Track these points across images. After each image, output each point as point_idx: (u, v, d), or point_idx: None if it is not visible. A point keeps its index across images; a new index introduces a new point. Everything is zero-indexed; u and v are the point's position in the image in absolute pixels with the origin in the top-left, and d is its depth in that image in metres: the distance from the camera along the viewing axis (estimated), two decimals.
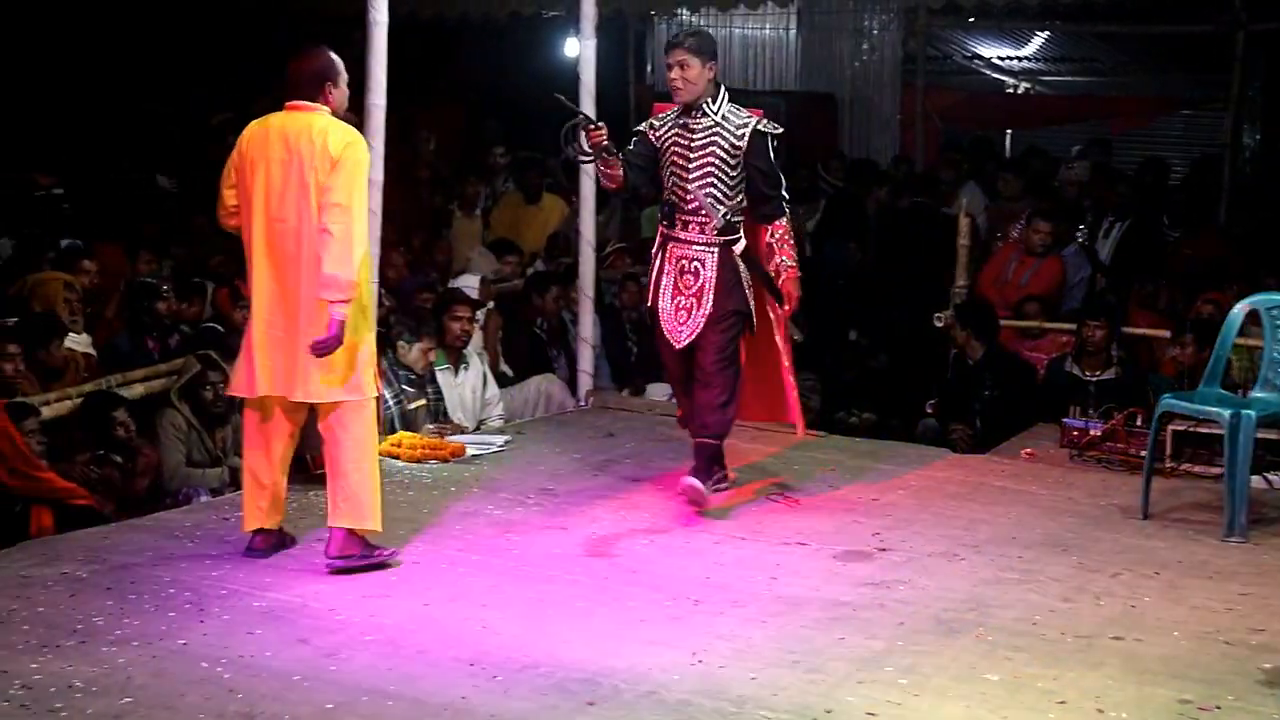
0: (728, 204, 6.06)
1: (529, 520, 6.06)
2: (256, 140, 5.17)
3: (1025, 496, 6.78)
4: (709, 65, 6.04)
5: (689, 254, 6.13)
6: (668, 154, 6.11)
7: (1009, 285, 9.51)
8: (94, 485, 6.36)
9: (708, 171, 6.02)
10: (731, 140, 6.03)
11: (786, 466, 7.18)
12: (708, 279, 6.08)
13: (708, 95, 6.06)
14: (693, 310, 6.11)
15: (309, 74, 5.19)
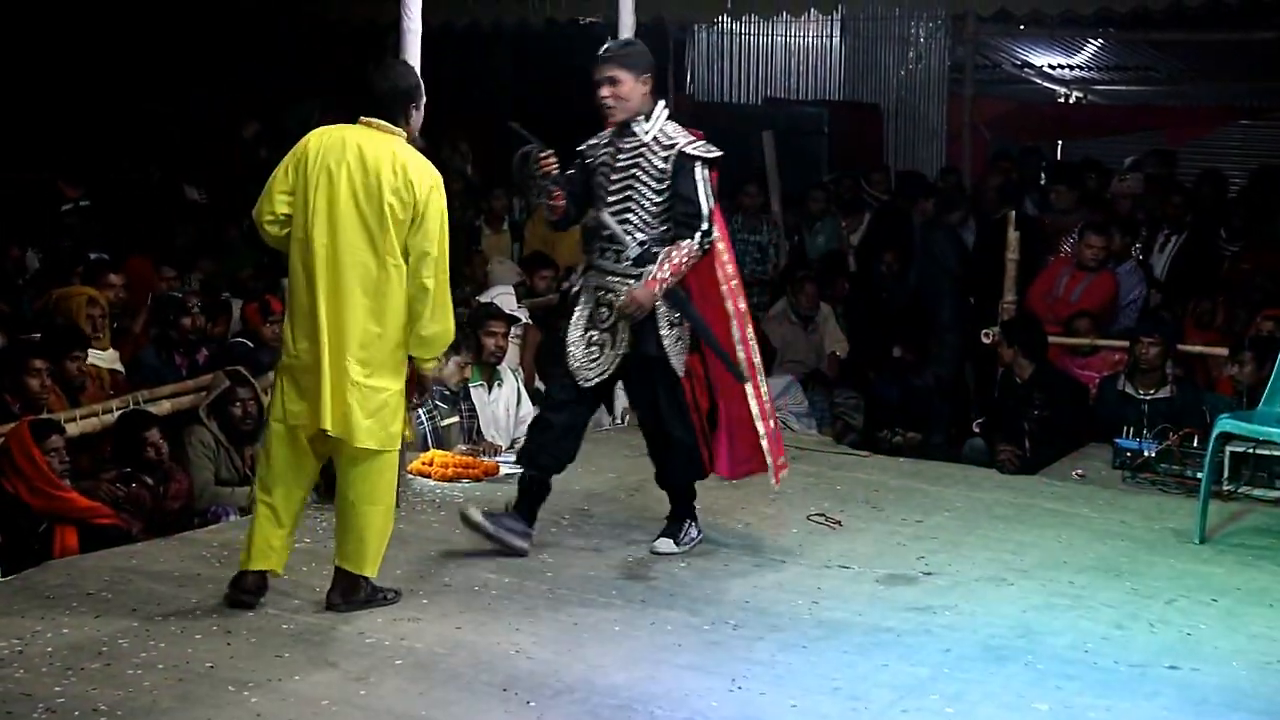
0: (648, 232, 5.66)
1: (563, 541, 6.06)
2: (330, 151, 4.92)
3: (1076, 519, 6.73)
4: (643, 79, 5.67)
5: (605, 284, 5.74)
6: (595, 175, 5.78)
7: (1060, 300, 9.47)
8: (120, 504, 6.40)
9: (625, 195, 5.67)
10: (655, 163, 5.65)
11: (828, 487, 7.16)
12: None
13: (641, 112, 5.69)
14: (604, 348, 5.75)
15: (396, 92, 4.99)
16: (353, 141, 4.92)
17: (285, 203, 4.97)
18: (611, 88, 5.64)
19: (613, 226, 5.67)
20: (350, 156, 4.89)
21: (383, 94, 4.98)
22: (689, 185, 5.63)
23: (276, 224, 5.00)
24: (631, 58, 5.67)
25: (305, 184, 4.91)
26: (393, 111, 4.98)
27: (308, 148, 4.96)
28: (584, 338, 5.76)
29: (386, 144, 4.93)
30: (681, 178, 5.63)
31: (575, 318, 5.80)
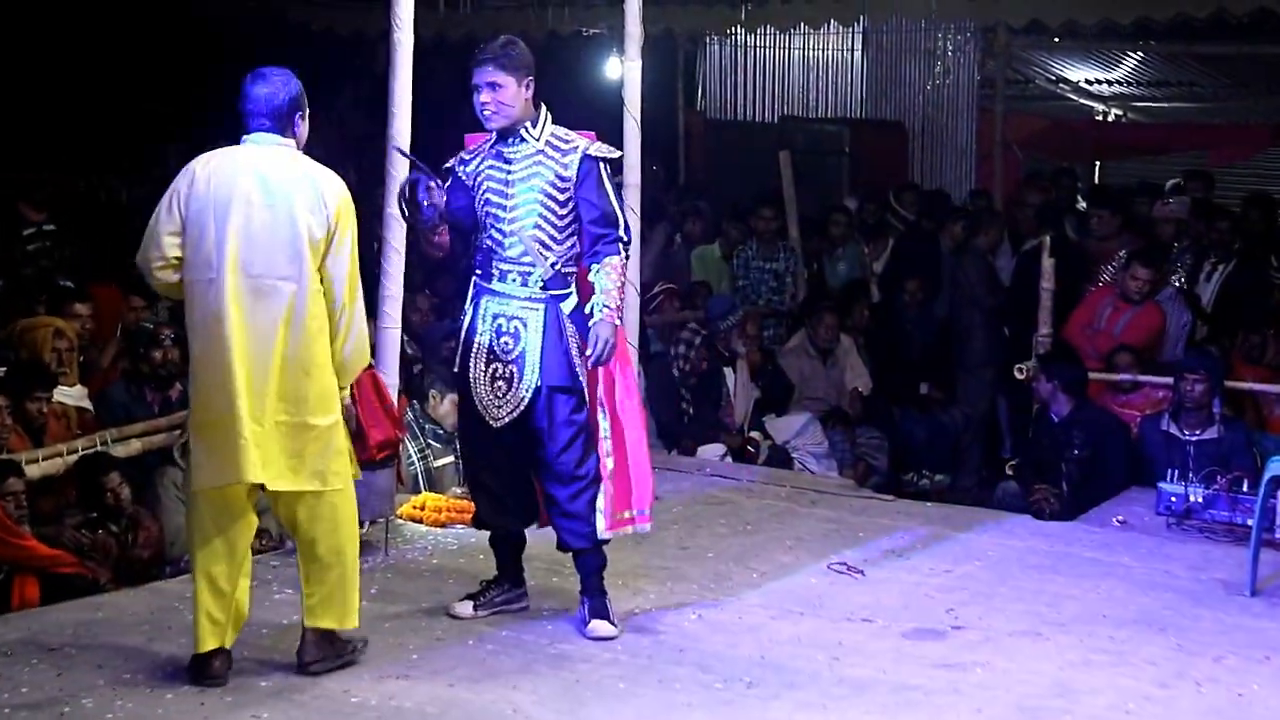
0: (556, 249, 5.50)
1: (565, 592, 6.03)
2: (223, 177, 4.79)
3: (1117, 569, 6.71)
4: (525, 83, 5.48)
5: (508, 311, 5.53)
6: (482, 192, 5.55)
7: (1101, 333, 9.45)
8: (85, 551, 6.39)
9: (530, 209, 5.48)
10: (557, 170, 5.50)
11: (849, 534, 7.14)
12: (531, 342, 5.49)
13: (526, 119, 5.53)
14: (513, 381, 5.50)
15: (278, 102, 4.87)
16: (247, 163, 4.82)
17: (175, 244, 4.82)
18: (492, 93, 5.45)
19: (531, 246, 5.49)
20: (248, 180, 4.78)
21: (266, 105, 4.86)
22: (598, 191, 5.50)
23: (168, 269, 4.86)
24: (513, 60, 5.47)
25: (200, 218, 4.78)
26: (280, 124, 4.88)
27: (193, 178, 4.82)
28: (488, 372, 5.55)
29: (286, 160, 4.85)
30: (588, 184, 5.50)
31: (473, 350, 5.58)
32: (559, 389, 5.50)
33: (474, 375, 5.57)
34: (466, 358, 5.60)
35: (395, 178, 6.57)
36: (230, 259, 4.75)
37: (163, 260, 4.84)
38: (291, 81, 4.92)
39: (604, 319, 5.44)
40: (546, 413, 5.50)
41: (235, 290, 4.75)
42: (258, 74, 4.89)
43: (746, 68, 16.18)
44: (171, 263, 4.83)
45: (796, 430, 9.58)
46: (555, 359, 5.50)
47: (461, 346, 5.64)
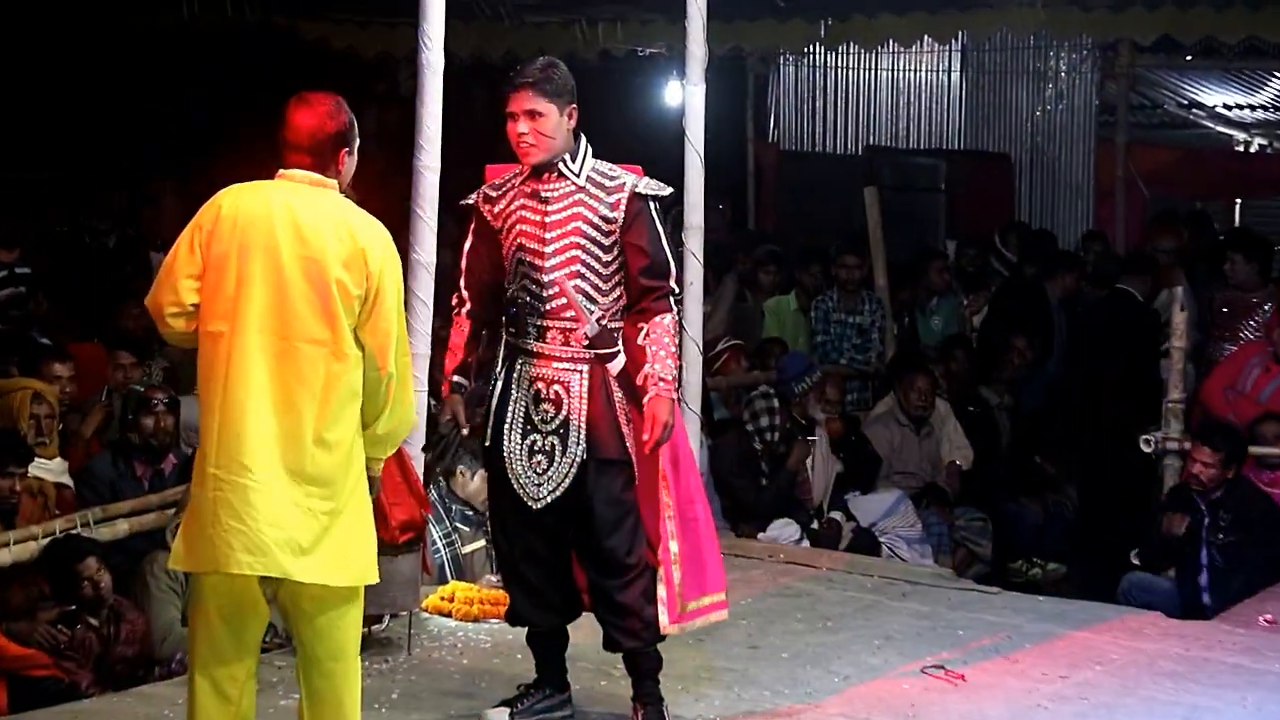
0: (601, 301, 5.49)
1: (614, 696, 5.99)
2: (251, 217, 4.75)
3: (1266, 678, 6.62)
4: (568, 111, 5.48)
5: (548, 374, 5.50)
6: (512, 235, 5.53)
7: (1245, 398, 9.37)
8: (61, 651, 6.40)
9: (571, 256, 5.45)
10: (601, 211, 5.47)
11: (947, 632, 7.08)
12: (575, 410, 5.47)
13: (565, 151, 5.51)
14: (555, 455, 5.48)
15: (325, 135, 4.83)
16: (279, 202, 4.77)
17: (192, 289, 4.78)
18: (531, 122, 5.43)
19: (574, 299, 5.47)
20: (280, 222, 4.74)
21: (307, 138, 4.81)
22: (647, 235, 5.46)
23: (182, 317, 4.82)
24: (555, 85, 5.46)
25: (222, 263, 4.74)
26: (322, 159, 4.83)
27: (219, 215, 4.78)
28: (525, 445, 5.54)
29: (323, 202, 4.80)
30: (636, 226, 5.46)
31: (507, 420, 5.55)
32: (607, 463, 5.47)
33: (509, 449, 5.53)
34: (500, 429, 5.56)
35: (422, 219, 6.61)
36: (250, 313, 4.71)
37: (178, 307, 4.80)
38: (340, 111, 4.87)
39: (660, 394, 5.38)
40: (593, 491, 5.47)
41: (253, 349, 4.71)
42: (301, 100, 4.86)
43: (826, 92, 16.25)
44: (188, 310, 4.80)
45: (885, 510, 9.53)
46: (603, 428, 5.47)
47: (493, 416, 5.59)
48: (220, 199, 4.81)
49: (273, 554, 4.68)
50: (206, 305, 4.76)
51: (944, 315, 11.81)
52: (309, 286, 4.70)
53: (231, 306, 4.72)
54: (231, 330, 4.71)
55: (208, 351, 4.76)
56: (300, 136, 4.81)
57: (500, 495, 5.64)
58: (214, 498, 4.69)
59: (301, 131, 4.81)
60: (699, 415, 8.27)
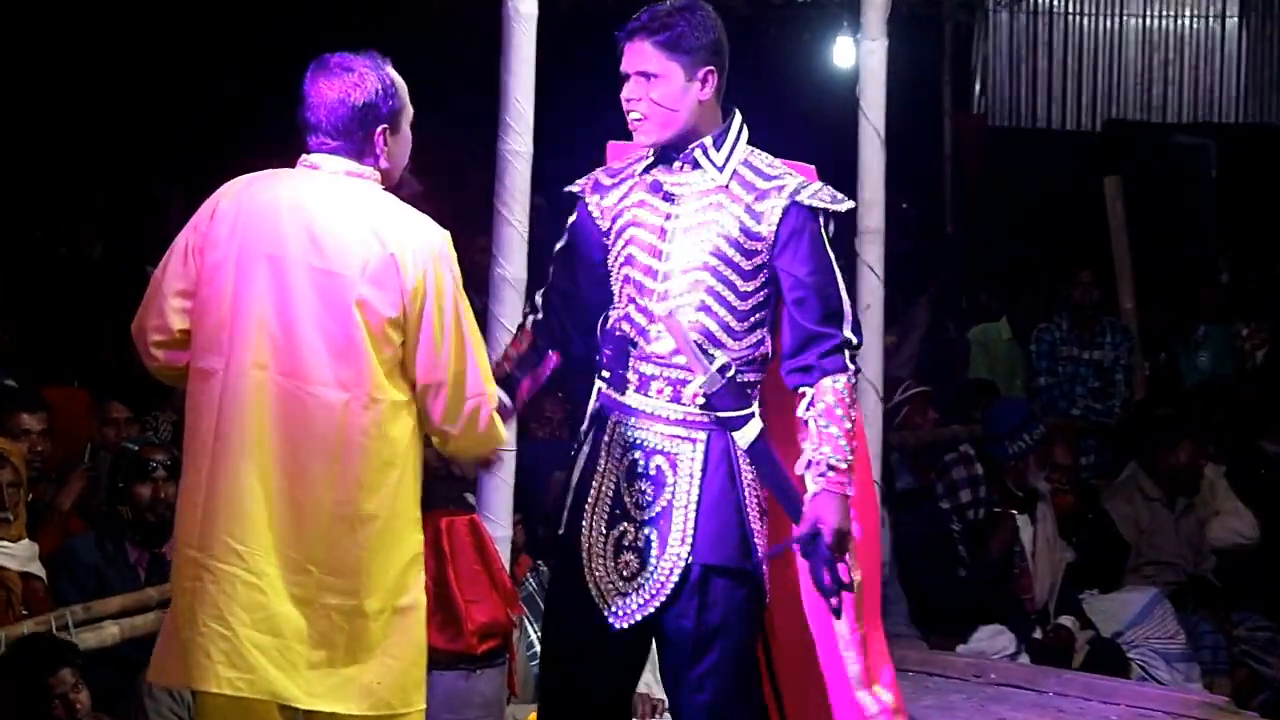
0: (731, 345, 5.29)
1: None
2: (256, 219, 4.78)
3: None
4: (703, 74, 5.26)
5: (650, 441, 5.31)
6: (622, 243, 5.36)
7: None
8: None
9: (696, 280, 5.25)
10: (744, 219, 5.25)
11: None
12: (682, 492, 5.26)
13: (703, 132, 5.32)
14: (648, 553, 5.26)
15: (355, 107, 4.81)
16: (291, 199, 4.79)
17: (180, 311, 4.82)
18: (645, 86, 5.25)
19: (684, 339, 5.24)
20: (289, 224, 4.75)
21: (329, 113, 4.82)
22: (815, 263, 5.25)
23: (168, 345, 4.86)
24: (683, 36, 5.24)
25: (215, 276, 4.77)
26: (351, 141, 4.84)
27: (216, 212, 4.81)
28: (609, 538, 5.36)
29: (351, 198, 4.80)
30: (797, 247, 5.25)
31: (590, 500, 5.36)
32: (719, 571, 5.22)
33: (588, 541, 5.32)
34: (579, 510, 5.35)
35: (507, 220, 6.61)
36: (249, 345, 4.73)
37: (163, 334, 4.84)
38: (371, 75, 4.84)
39: (828, 489, 5.16)
40: (692, 609, 5.23)
41: (251, 393, 4.72)
42: (321, 65, 4.85)
43: (1052, 49, 16.16)
44: (175, 338, 4.84)
45: (1134, 615, 9.42)
46: (720, 521, 5.24)
47: (573, 493, 5.40)
48: (222, 192, 4.83)
49: (262, 670, 4.68)
50: (197, 333, 4.79)
51: (1214, 349, 11.70)
52: (324, 310, 4.70)
53: (227, 336, 4.73)
54: (226, 368, 4.72)
55: (195, 395, 4.79)
56: (317, 112, 4.81)
57: (564, 606, 5.41)
58: (192, 590, 4.70)
59: (319, 106, 4.81)
60: (878, 484, 8.20)
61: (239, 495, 4.68)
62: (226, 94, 13.17)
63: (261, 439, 4.70)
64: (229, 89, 13.19)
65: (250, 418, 4.70)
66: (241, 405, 4.70)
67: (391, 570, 4.79)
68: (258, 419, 4.70)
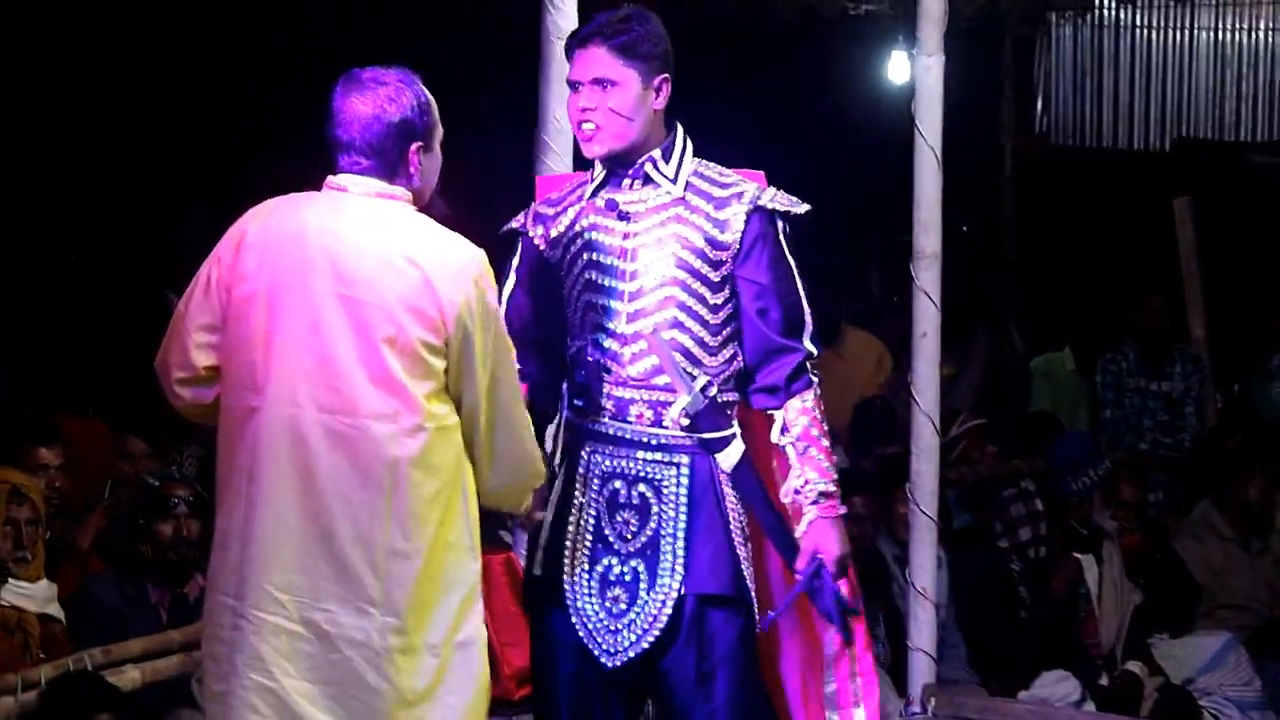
0: (708, 362, 5.31)
1: None
2: (282, 248, 4.78)
3: None
4: (657, 83, 5.29)
5: (631, 469, 5.31)
6: (578, 268, 5.36)
7: None
8: None
9: (665, 297, 5.26)
10: (708, 229, 5.28)
11: None
12: (669, 520, 5.25)
13: (651, 143, 5.33)
14: (639, 588, 5.27)
15: (388, 125, 4.83)
16: (320, 227, 4.79)
17: (206, 347, 4.84)
18: (599, 94, 5.26)
19: (667, 356, 5.24)
20: (320, 255, 4.76)
21: (362, 131, 4.83)
22: (777, 271, 5.32)
23: (194, 383, 4.89)
24: (638, 43, 5.26)
25: (246, 310, 4.78)
26: (384, 159, 4.84)
27: (242, 244, 4.82)
28: (595, 574, 5.32)
29: (380, 221, 4.80)
30: (758, 255, 5.30)
31: (569, 537, 5.34)
32: (714, 601, 5.24)
33: (571, 580, 5.31)
34: (557, 550, 5.34)
35: None
36: (286, 382, 4.73)
37: (187, 371, 4.86)
38: (406, 91, 4.86)
39: (821, 516, 5.22)
40: (693, 643, 5.23)
41: (291, 431, 4.73)
42: (352, 80, 4.87)
43: (1118, 64, 16.13)
44: (200, 375, 4.85)
45: (1207, 661, 9.40)
46: (712, 548, 5.25)
47: (548, 531, 5.39)
48: (247, 220, 4.84)
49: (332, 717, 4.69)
50: (229, 370, 4.79)
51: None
52: (362, 341, 4.70)
53: (261, 373, 4.73)
54: (262, 407, 4.72)
55: (229, 434, 4.79)
56: (350, 129, 4.81)
57: (552, 651, 5.37)
58: (231, 640, 4.71)
59: (351, 123, 4.81)
60: (934, 520, 8.19)
61: (281, 540, 4.69)
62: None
63: (304, 479, 4.70)
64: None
65: (291, 457, 4.70)
66: (281, 445, 4.71)
67: (450, 603, 4.78)
68: (299, 458, 4.70)
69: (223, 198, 12.77)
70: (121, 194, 12.65)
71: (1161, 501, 10.87)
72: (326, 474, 4.70)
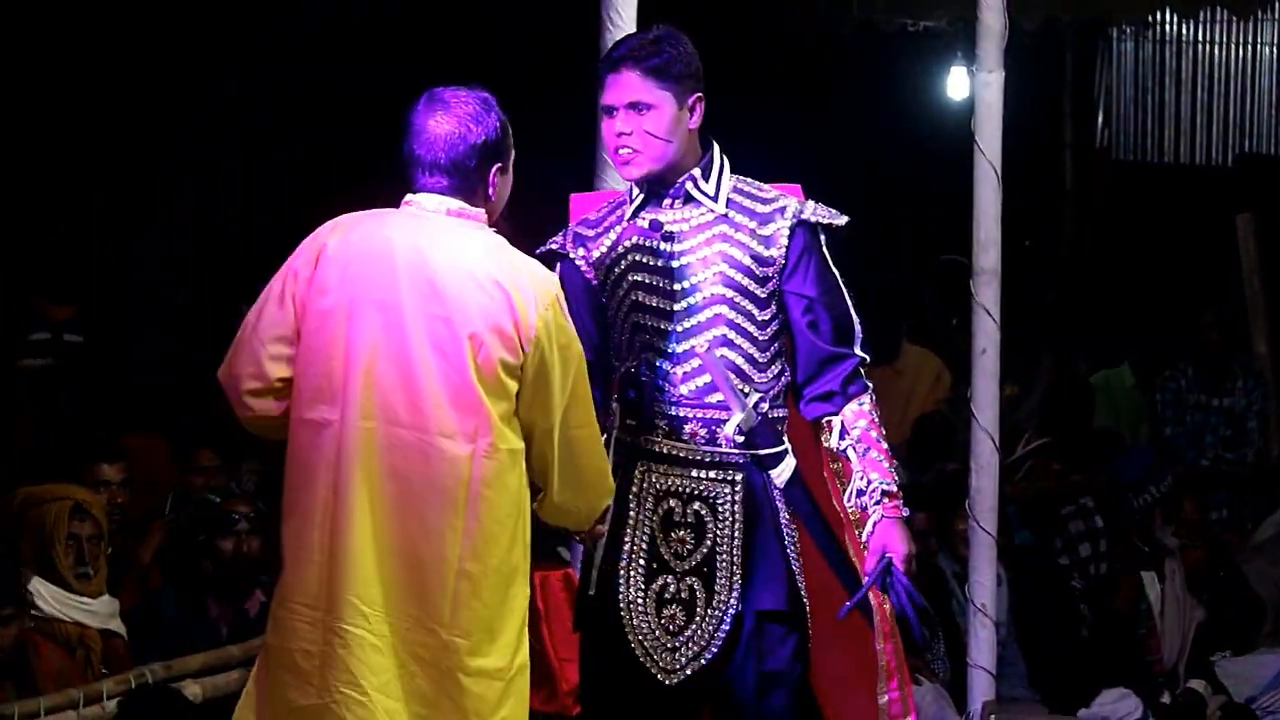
0: (758, 379, 5.34)
1: None
2: (367, 263, 4.78)
3: None
4: (691, 103, 5.31)
5: (685, 488, 5.33)
6: (623, 290, 5.38)
7: None
8: None
9: (714, 315, 5.29)
10: (754, 248, 5.32)
11: None
12: (725, 538, 5.28)
13: (689, 162, 5.35)
14: (693, 605, 5.29)
15: (471, 145, 4.82)
16: (404, 241, 4.79)
17: (279, 359, 4.82)
18: (636, 118, 5.26)
19: (721, 374, 5.25)
20: (404, 268, 4.76)
21: (445, 149, 4.82)
22: (825, 283, 5.35)
23: (266, 395, 4.85)
24: (672, 64, 5.27)
25: (325, 324, 4.78)
26: (465, 179, 4.84)
27: (321, 256, 4.81)
28: (651, 593, 5.33)
29: (464, 241, 4.80)
30: (805, 268, 5.33)
31: (624, 557, 5.35)
32: (776, 617, 5.27)
33: (627, 599, 5.32)
34: (612, 568, 5.35)
35: None
36: (365, 396, 4.72)
37: (259, 382, 4.83)
38: (489, 114, 4.86)
39: (886, 516, 5.25)
40: (751, 657, 5.26)
41: (370, 445, 4.72)
42: (434, 98, 4.86)
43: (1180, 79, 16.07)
44: (273, 387, 4.82)
45: (1270, 678, 9.36)
46: (768, 564, 5.29)
47: (601, 548, 5.38)
48: (326, 234, 4.82)
49: None
50: (303, 382, 4.77)
51: None
52: (442, 359, 4.70)
53: (340, 385, 4.72)
54: (342, 420, 4.70)
55: (304, 447, 4.76)
56: (433, 148, 4.80)
57: (608, 670, 5.37)
58: (320, 654, 4.70)
59: (434, 141, 4.80)
60: (993, 537, 8.15)
61: (365, 553, 4.69)
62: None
63: (382, 494, 4.70)
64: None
65: (367, 471, 4.70)
66: (359, 458, 4.71)
67: (513, 627, 4.79)
68: (375, 473, 4.70)
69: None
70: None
71: (1224, 518, 10.80)
72: (403, 490, 4.70)
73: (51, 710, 6.83)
